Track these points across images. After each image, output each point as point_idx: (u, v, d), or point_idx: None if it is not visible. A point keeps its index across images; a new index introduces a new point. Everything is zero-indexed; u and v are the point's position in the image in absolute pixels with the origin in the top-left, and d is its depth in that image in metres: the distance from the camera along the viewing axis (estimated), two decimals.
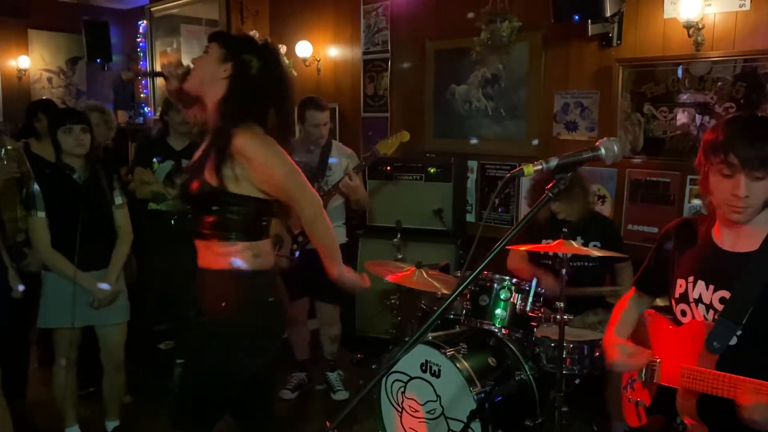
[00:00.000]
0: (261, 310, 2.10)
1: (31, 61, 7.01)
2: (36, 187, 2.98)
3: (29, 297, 3.05)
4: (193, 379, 2.07)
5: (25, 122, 4.22)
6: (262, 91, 2.07)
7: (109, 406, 3.33)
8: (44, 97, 5.98)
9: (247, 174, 1.99)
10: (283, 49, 5.29)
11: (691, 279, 1.76)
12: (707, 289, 1.72)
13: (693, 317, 1.76)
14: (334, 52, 5.27)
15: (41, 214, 2.96)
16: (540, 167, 1.46)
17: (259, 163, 1.99)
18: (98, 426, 3.32)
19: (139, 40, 6.82)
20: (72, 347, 3.09)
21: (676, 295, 1.81)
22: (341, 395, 3.95)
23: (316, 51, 5.27)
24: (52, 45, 7.21)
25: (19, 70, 6.94)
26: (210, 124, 2.10)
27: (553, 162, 1.47)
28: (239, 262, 2.03)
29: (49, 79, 7.26)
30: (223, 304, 2.02)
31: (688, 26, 3.37)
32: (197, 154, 2.12)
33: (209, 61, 2.09)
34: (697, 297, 1.74)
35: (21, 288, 2.97)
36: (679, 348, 1.73)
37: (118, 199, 3.15)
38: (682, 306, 1.79)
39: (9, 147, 3.26)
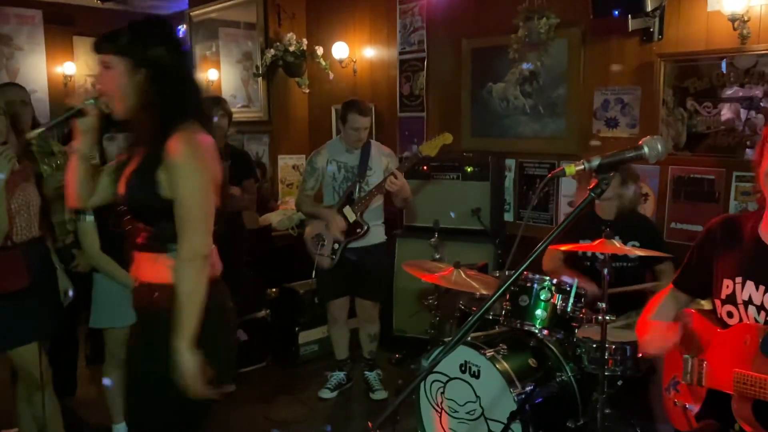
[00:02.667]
0: (225, 317, 1.97)
1: (76, 67, 7.19)
2: None
3: (78, 297, 3.15)
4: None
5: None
6: (183, 77, 1.93)
7: None
8: None
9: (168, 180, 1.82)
10: (320, 50, 5.35)
11: (738, 280, 1.72)
12: (757, 290, 1.68)
13: (740, 320, 1.71)
14: (370, 52, 5.28)
15: (90, 219, 3.03)
16: (582, 167, 1.43)
17: (177, 174, 1.80)
18: None
19: None
20: (122, 346, 3.16)
21: (723, 296, 1.76)
22: (380, 395, 3.96)
23: (353, 52, 5.29)
24: None
25: (65, 77, 7.14)
26: (142, 130, 1.94)
27: (596, 161, 1.44)
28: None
29: (94, 85, 7.44)
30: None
31: (733, 19, 3.28)
32: (130, 167, 1.95)
33: (119, 77, 1.89)
34: (746, 299, 1.70)
35: (71, 293, 3.07)
36: (729, 351, 1.69)
37: None
38: (729, 308, 1.75)
39: (57, 150, 3.37)
